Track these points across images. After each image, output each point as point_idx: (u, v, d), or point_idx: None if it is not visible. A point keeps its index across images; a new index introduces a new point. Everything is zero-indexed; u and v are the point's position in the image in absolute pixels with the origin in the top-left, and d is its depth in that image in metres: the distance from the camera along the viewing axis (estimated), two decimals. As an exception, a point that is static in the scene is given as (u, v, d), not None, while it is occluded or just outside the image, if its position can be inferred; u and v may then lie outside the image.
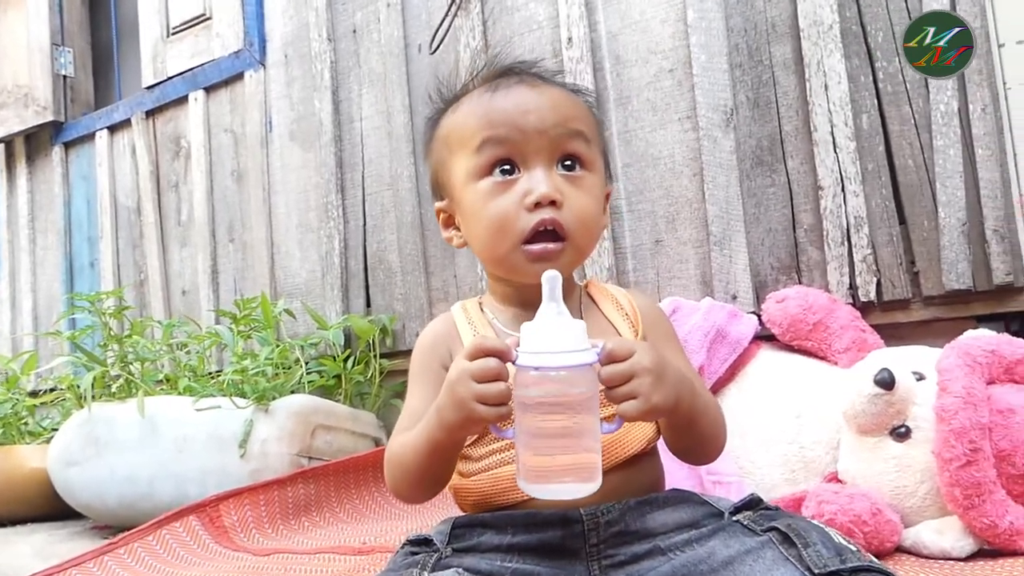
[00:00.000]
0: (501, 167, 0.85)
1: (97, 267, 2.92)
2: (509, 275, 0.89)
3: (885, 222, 1.49)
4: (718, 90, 1.64)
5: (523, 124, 0.84)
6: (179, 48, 2.64)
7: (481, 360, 0.70)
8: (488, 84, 0.90)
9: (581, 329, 0.68)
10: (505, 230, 0.84)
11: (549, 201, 0.83)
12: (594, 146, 0.90)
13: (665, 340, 0.92)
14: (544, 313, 0.69)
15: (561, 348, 0.66)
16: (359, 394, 2.15)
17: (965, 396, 1.08)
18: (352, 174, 2.22)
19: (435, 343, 0.93)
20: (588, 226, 0.87)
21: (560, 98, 0.89)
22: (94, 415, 1.93)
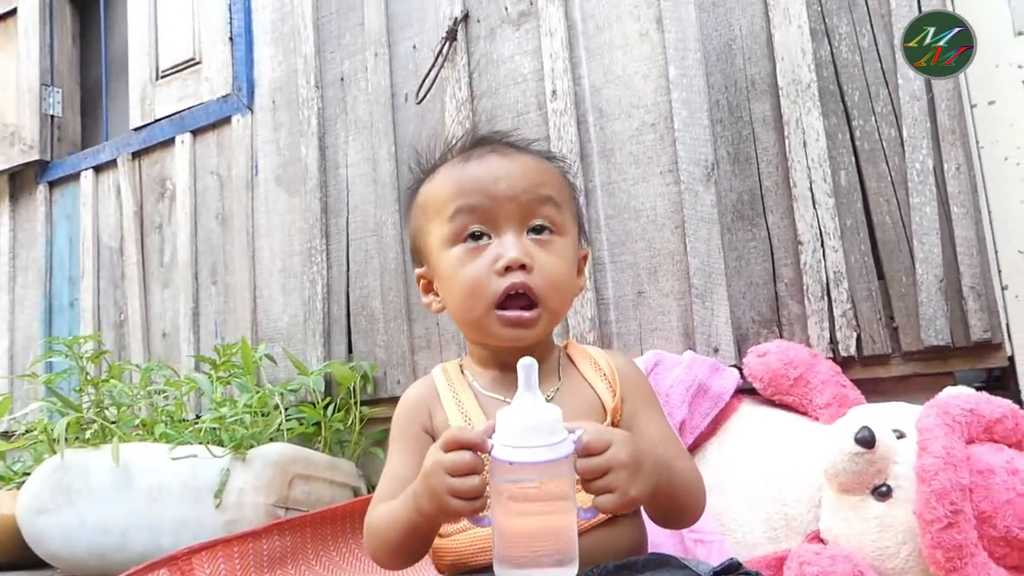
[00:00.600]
0: (473, 233, 0.88)
1: (77, 307, 2.89)
2: (484, 339, 0.91)
3: (864, 277, 1.51)
4: (699, 145, 1.66)
5: (493, 191, 0.87)
6: (167, 91, 2.65)
7: (455, 453, 0.70)
8: (463, 155, 0.94)
9: (557, 418, 0.68)
10: (477, 294, 0.86)
11: (519, 265, 0.85)
12: (565, 211, 0.93)
13: (643, 402, 0.92)
14: (520, 402, 0.68)
15: (536, 441, 0.66)
16: (339, 442, 2.12)
17: (945, 456, 1.07)
18: (337, 220, 2.22)
19: (416, 407, 0.94)
20: (559, 289, 0.89)
21: (530, 165, 0.92)
22: (67, 462, 1.89)
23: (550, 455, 0.66)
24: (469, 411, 0.89)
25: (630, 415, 0.90)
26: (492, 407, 0.88)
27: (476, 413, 0.88)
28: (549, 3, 1.86)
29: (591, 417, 0.88)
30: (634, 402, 0.91)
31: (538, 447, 0.65)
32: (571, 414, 0.85)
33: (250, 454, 1.78)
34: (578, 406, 0.89)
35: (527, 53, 1.91)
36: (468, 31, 2.00)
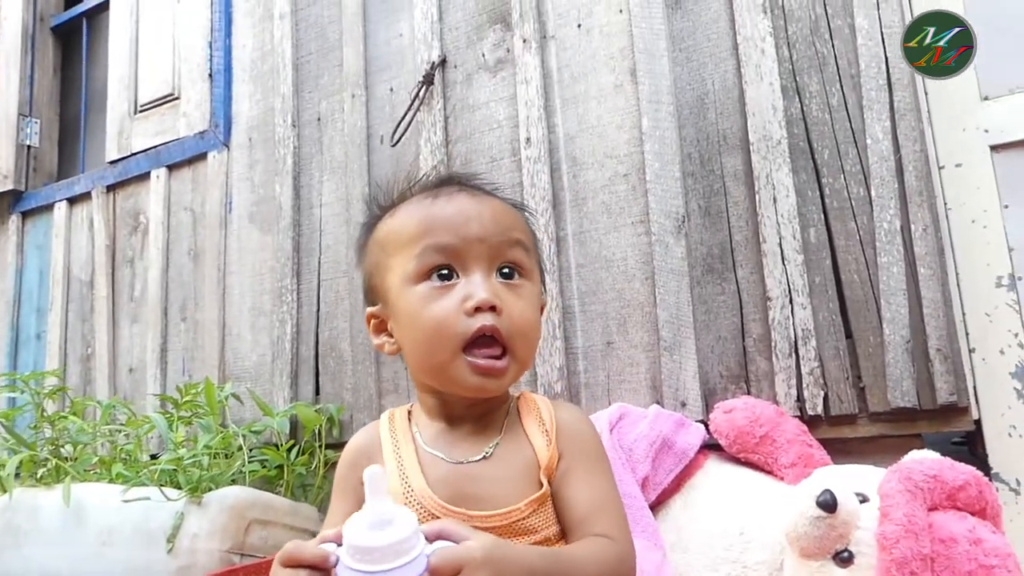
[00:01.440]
0: (440, 271, 0.84)
1: (44, 339, 2.84)
2: (446, 385, 0.86)
3: (832, 335, 1.50)
4: (670, 197, 1.66)
5: (464, 231, 0.84)
6: (145, 126, 2.64)
7: (292, 572, 0.66)
8: (428, 191, 0.91)
9: (407, 536, 0.63)
10: (444, 335, 0.82)
11: (489, 307, 0.81)
12: (532, 256, 0.91)
13: (582, 460, 0.87)
14: (369, 515, 0.64)
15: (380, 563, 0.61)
16: (302, 485, 2.07)
17: (906, 524, 1.05)
18: (309, 259, 2.20)
19: (356, 459, 0.91)
20: (526, 336, 0.85)
21: (500, 208, 0.90)
22: (16, 501, 1.83)
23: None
24: (407, 468, 0.85)
25: (563, 473, 0.85)
26: (432, 465, 0.85)
27: (414, 470, 0.85)
28: (526, 51, 1.87)
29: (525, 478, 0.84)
30: (571, 459, 0.86)
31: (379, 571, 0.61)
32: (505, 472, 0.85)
33: (206, 498, 1.72)
34: (513, 464, 0.85)
35: (503, 100, 1.92)
36: (445, 76, 2.01)
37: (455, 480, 0.83)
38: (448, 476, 0.83)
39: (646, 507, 1.35)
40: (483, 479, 0.83)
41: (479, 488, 0.82)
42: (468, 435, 0.87)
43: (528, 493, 0.83)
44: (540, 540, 0.81)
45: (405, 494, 0.82)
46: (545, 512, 0.83)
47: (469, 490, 0.82)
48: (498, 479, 0.83)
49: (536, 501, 0.82)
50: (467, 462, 0.84)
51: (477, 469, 0.84)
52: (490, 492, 0.82)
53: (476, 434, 0.87)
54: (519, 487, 0.83)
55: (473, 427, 0.88)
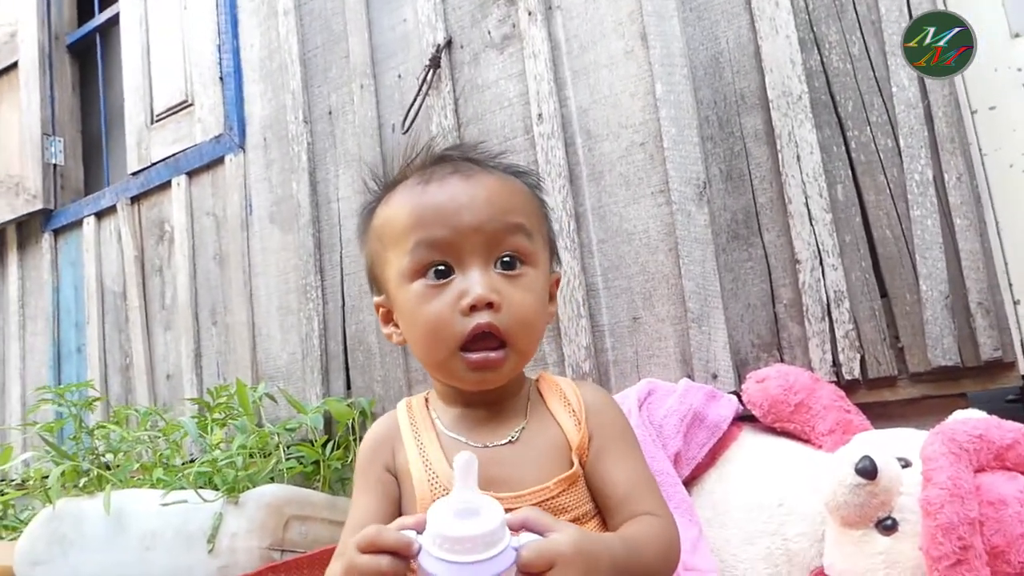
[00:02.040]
0: (436, 268, 0.81)
1: (84, 352, 2.89)
2: (449, 381, 0.85)
3: (866, 296, 1.43)
4: (690, 163, 1.61)
5: (457, 222, 0.80)
6: (162, 134, 2.65)
7: (371, 557, 0.63)
8: (422, 175, 0.86)
9: (495, 528, 0.60)
10: (441, 336, 0.80)
11: (486, 304, 0.78)
12: (536, 238, 0.86)
13: (613, 440, 0.86)
14: (456, 503, 0.60)
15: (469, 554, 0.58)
16: (339, 480, 2.07)
17: (951, 488, 1.00)
18: (331, 255, 2.19)
19: (376, 448, 0.89)
20: (528, 327, 0.82)
21: (497, 189, 0.84)
22: (60, 511, 1.86)
23: (481, 573, 0.58)
24: (430, 453, 0.84)
25: (597, 454, 0.84)
26: (454, 449, 0.83)
27: (437, 455, 0.83)
28: (532, 24, 1.83)
29: (555, 459, 0.83)
30: (602, 439, 0.85)
31: (468, 563, 0.58)
32: (533, 454, 0.83)
33: (243, 497, 1.73)
34: (544, 448, 0.84)
35: (512, 77, 1.88)
36: (452, 57, 1.97)
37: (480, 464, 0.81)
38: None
39: (679, 483, 1.31)
40: (509, 462, 0.82)
41: (505, 471, 0.81)
42: (489, 419, 0.86)
43: (557, 473, 0.81)
44: (572, 519, 0.80)
45: (430, 480, 0.81)
46: (576, 491, 0.82)
47: (495, 472, 0.80)
48: (525, 461, 0.82)
49: (566, 480, 0.81)
50: (492, 446, 0.83)
51: (503, 452, 0.83)
52: (517, 474, 0.81)
53: (498, 418, 0.86)
54: (547, 467, 0.82)
55: (493, 411, 0.86)
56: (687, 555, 1.21)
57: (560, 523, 0.67)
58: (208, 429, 1.99)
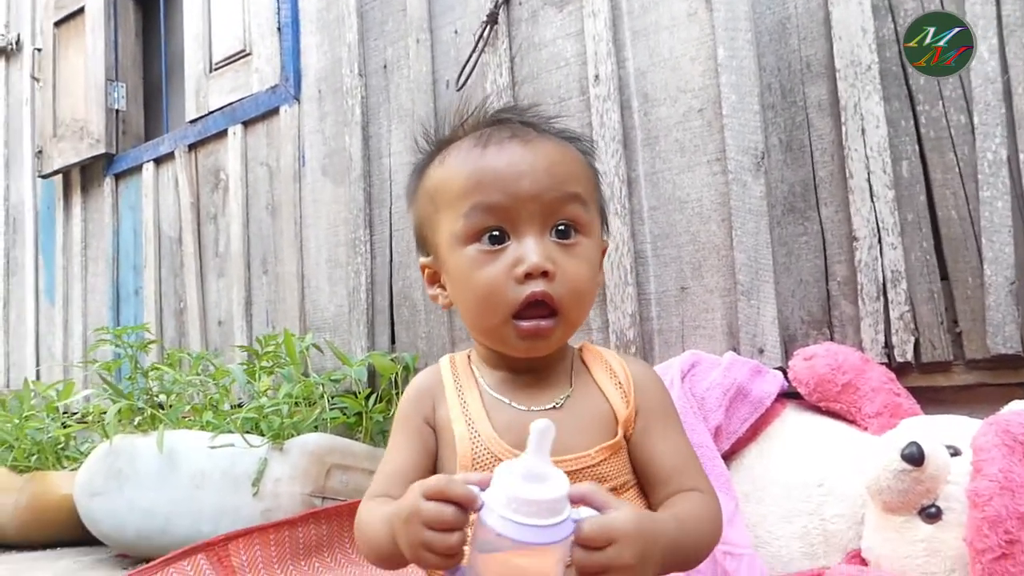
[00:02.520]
0: (490, 233, 0.80)
1: (141, 295, 2.99)
2: (497, 347, 0.84)
3: (925, 277, 1.38)
4: (749, 132, 1.56)
5: (515, 189, 0.79)
6: (220, 83, 2.68)
7: (437, 505, 0.63)
8: (478, 137, 0.84)
9: (561, 496, 0.60)
10: (493, 302, 0.79)
11: (541, 272, 0.77)
12: (591, 206, 0.85)
13: (659, 416, 0.86)
14: (525, 467, 0.60)
15: (532, 518, 0.58)
16: (380, 432, 2.11)
17: (1002, 481, 0.97)
18: (380, 210, 2.20)
19: (419, 398, 0.89)
20: (581, 297, 0.82)
21: (555, 156, 0.83)
22: (117, 447, 1.94)
23: (542, 538, 0.58)
24: (472, 411, 0.84)
25: (643, 430, 0.84)
26: (497, 409, 0.83)
27: (479, 414, 0.83)
28: (593, -17, 1.78)
29: (599, 428, 0.83)
30: (649, 415, 0.85)
31: (531, 526, 0.58)
32: (576, 422, 0.83)
33: (287, 444, 1.78)
34: (588, 417, 0.84)
35: (570, 36, 1.84)
36: (510, 14, 1.94)
37: (523, 427, 0.79)
38: (515, 422, 0.82)
39: (718, 456, 1.30)
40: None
41: None
42: (534, 384, 0.86)
43: (599, 442, 0.81)
44: (610, 488, 0.80)
45: (471, 438, 0.82)
46: (617, 461, 0.82)
47: None
48: (569, 428, 0.81)
49: (608, 449, 0.81)
50: (536, 410, 0.83)
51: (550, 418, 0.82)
52: (560, 439, 0.79)
53: (542, 384, 0.86)
54: (590, 436, 0.82)
55: (537, 377, 0.86)
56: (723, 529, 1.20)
57: (618, 501, 0.67)
58: (256, 376, 2.04)
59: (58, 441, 2.42)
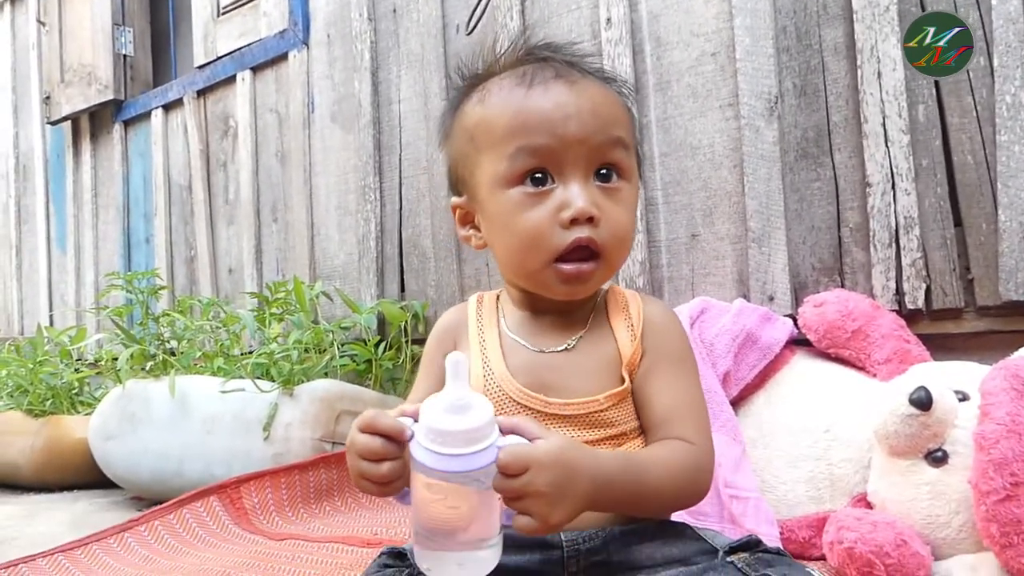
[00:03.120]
0: (534, 175, 0.78)
1: (152, 243, 3.00)
2: (538, 290, 0.83)
3: (939, 223, 1.37)
4: (762, 76, 1.53)
5: (563, 131, 0.77)
6: (228, 28, 2.65)
7: (367, 437, 0.66)
8: (521, 75, 0.81)
9: (482, 424, 0.62)
10: (537, 246, 0.78)
11: (587, 218, 0.77)
12: (632, 150, 0.83)
13: (667, 359, 0.84)
14: (448, 398, 0.62)
15: (452, 447, 0.61)
16: (390, 379, 2.13)
17: (1009, 424, 0.97)
18: (390, 157, 2.19)
19: (444, 334, 0.90)
20: (623, 242, 0.82)
21: (600, 98, 0.81)
22: (129, 392, 1.97)
23: (456, 466, 0.61)
24: (489, 352, 0.84)
25: (646, 371, 0.82)
26: (513, 350, 0.84)
27: (495, 354, 0.83)
28: (606, -77, 1.73)
29: (607, 372, 0.82)
30: (656, 357, 0.83)
31: (446, 455, 0.60)
32: (586, 364, 0.83)
33: (297, 390, 1.80)
34: (595, 357, 0.83)
35: (582, -22, 1.80)
36: (521, -44, 1.90)
37: (535, 367, 0.82)
38: (528, 363, 0.82)
39: (726, 402, 1.30)
40: (563, 369, 0.82)
41: (558, 377, 0.81)
42: (552, 326, 0.85)
43: (608, 387, 0.81)
44: (617, 434, 0.80)
45: (485, 376, 0.82)
46: (625, 407, 0.81)
47: (548, 378, 0.81)
48: (579, 370, 0.82)
49: (616, 396, 0.80)
50: (548, 351, 0.83)
51: (559, 359, 0.82)
52: (569, 382, 0.81)
53: (560, 325, 0.85)
54: (599, 380, 0.81)
55: (558, 318, 0.86)
56: (729, 473, 1.21)
57: (550, 432, 0.68)
58: (266, 323, 2.06)
59: (72, 386, 2.46)
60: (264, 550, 1.42)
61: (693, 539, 0.77)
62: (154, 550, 1.46)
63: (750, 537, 0.74)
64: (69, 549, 1.39)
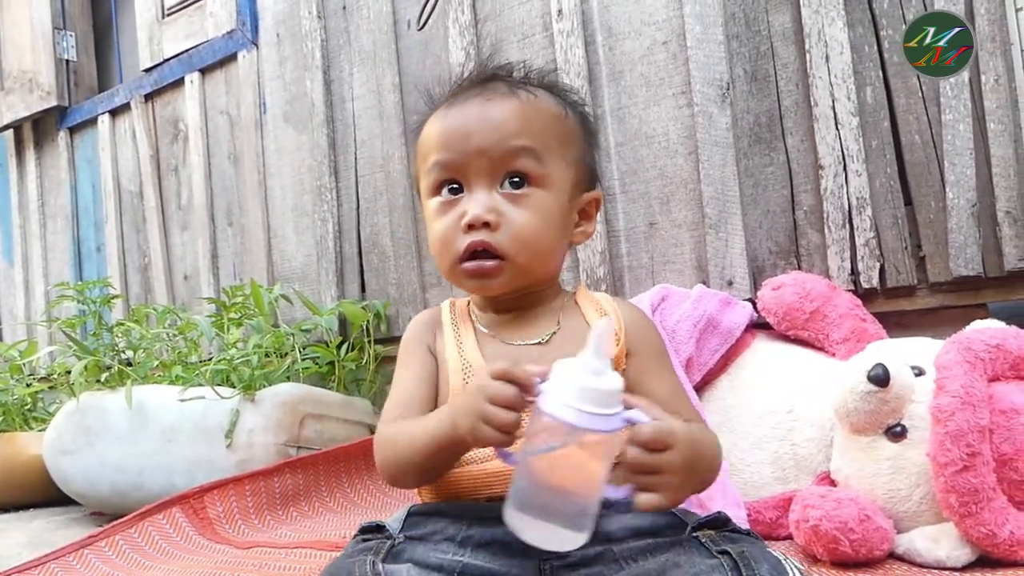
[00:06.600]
0: (449, 186, 0.87)
1: (103, 252, 2.92)
2: (458, 287, 0.91)
3: (889, 203, 1.39)
4: (713, 63, 1.54)
5: (465, 145, 0.85)
6: (174, 30, 2.59)
7: (501, 384, 0.68)
8: (455, 95, 0.91)
9: (615, 390, 0.63)
10: (447, 249, 0.86)
11: (482, 223, 0.83)
12: (550, 160, 0.87)
13: (654, 359, 0.89)
14: (587, 361, 0.63)
15: (585, 405, 0.62)
16: (354, 380, 2.11)
17: (963, 396, 0.99)
18: (345, 156, 2.16)
19: (421, 330, 0.95)
20: (528, 244, 0.85)
21: (511, 113, 0.86)
22: (84, 405, 1.91)
23: (593, 424, 0.61)
24: (465, 344, 0.89)
25: (638, 372, 0.87)
26: (487, 342, 0.89)
27: (471, 346, 0.89)
28: (553, -86, 1.73)
29: None
30: (644, 359, 0.88)
31: (584, 412, 0.61)
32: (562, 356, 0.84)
33: (259, 395, 1.77)
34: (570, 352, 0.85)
35: (532, -29, 1.79)
36: (470, -51, 1.88)
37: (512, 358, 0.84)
38: (503, 355, 0.86)
39: (690, 388, 1.31)
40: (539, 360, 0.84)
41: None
42: (522, 323, 0.90)
43: None
44: None
45: (463, 368, 0.86)
46: None
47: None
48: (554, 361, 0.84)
49: None
50: (522, 344, 0.88)
51: (532, 352, 0.87)
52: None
53: (530, 323, 0.90)
54: None
55: (525, 317, 0.91)
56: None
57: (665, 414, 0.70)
58: (225, 328, 2.02)
59: (24, 402, 2.39)
60: (231, 559, 1.39)
61: (664, 514, 0.79)
62: (116, 566, 1.42)
63: (719, 514, 0.76)
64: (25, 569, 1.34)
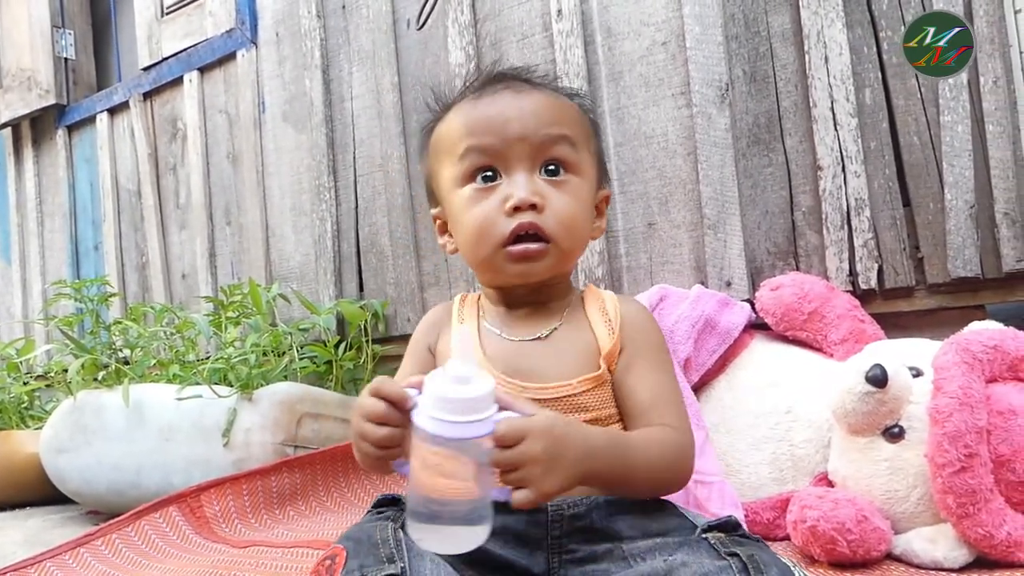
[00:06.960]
0: (483, 174, 0.87)
1: (101, 250, 2.91)
2: (493, 277, 0.91)
3: (888, 204, 1.39)
4: (713, 64, 1.54)
5: (504, 131, 0.85)
6: (173, 28, 2.59)
7: (373, 400, 0.70)
8: (476, 91, 0.92)
9: (482, 396, 0.65)
10: (488, 233, 0.85)
11: (529, 205, 0.84)
12: (582, 150, 0.90)
13: (645, 353, 0.89)
14: (451, 369, 0.66)
15: (450, 415, 0.64)
16: (352, 380, 2.11)
17: (961, 397, 0.99)
18: (344, 155, 2.16)
19: (429, 328, 0.97)
20: (571, 229, 0.87)
21: (545, 103, 0.89)
22: (82, 403, 1.91)
23: (454, 432, 0.64)
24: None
25: (626, 364, 0.88)
26: (490, 340, 0.90)
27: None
28: (553, -86, 1.73)
29: (583, 360, 0.87)
30: (635, 352, 0.88)
31: (444, 422, 0.64)
32: (561, 352, 0.88)
33: (256, 394, 1.77)
34: (573, 349, 0.89)
35: (531, -29, 1.79)
36: (470, -51, 1.88)
37: (511, 355, 0.87)
38: (505, 351, 0.88)
39: (688, 388, 1.31)
40: (538, 356, 0.88)
41: (533, 363, 0.87)
42: (527, 318, 0.92)
43: (582, 373, 0.86)
44: (592, 419, 0.84)
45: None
46: (600, 393, 0.86)
47: (524, 364, 0.86)
48: (553, 357, 0.87)
49: (591, 380, 0.85)
50: (523, 340, 0.89)
51: (533, 347, 0.88)
52: (544, 368, 0.86)
53: (535, 318, 0.91)
54: (574, 367, 0.86)
55: (532, 312, 0.92)
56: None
57: (544, 410, 0.72)
58: (222, 327, 2.01)
59: (21, 400, 2.38)
60: (227, 558, 1.39)
61: (674, 515, 0.80)
62: (112, 564, 1.42)
63: (729, 518, 0.76)
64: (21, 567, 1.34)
